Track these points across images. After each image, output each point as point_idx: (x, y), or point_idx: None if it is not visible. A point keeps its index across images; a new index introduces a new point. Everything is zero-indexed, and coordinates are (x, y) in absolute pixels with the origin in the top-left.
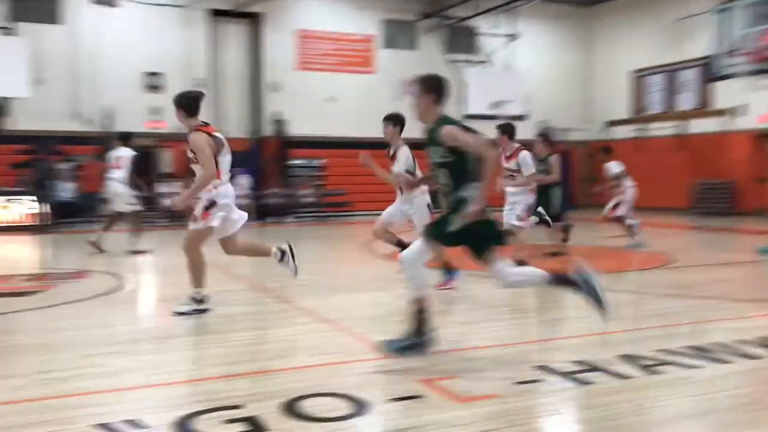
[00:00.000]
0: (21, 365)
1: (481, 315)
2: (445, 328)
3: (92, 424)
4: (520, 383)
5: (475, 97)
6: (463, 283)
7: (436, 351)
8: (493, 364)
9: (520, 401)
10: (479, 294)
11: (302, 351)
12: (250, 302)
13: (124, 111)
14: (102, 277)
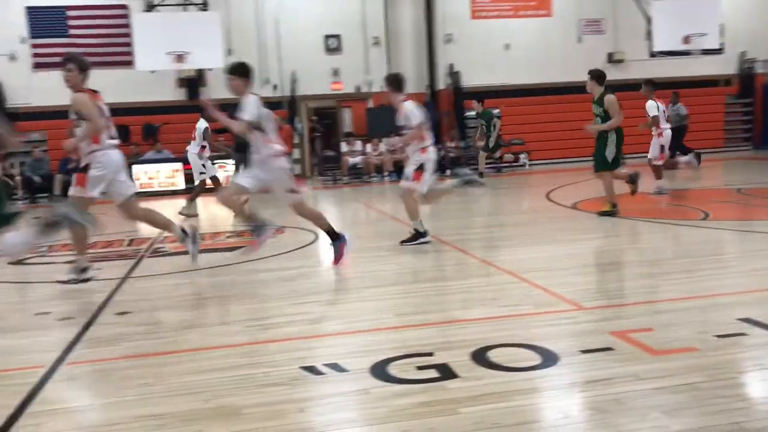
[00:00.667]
0: (231, 313)
1: (673, 266)
2: (636, 279)
3: (299, 366)
4: (720, 336)
5: (662, 33)
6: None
7: (627, 303)
8: (688, 317)
9: (720, 355)
10: (667, 244)
11: (489, 302)
12: (431, 254)
13: (307, 75)
14: (297, 233)
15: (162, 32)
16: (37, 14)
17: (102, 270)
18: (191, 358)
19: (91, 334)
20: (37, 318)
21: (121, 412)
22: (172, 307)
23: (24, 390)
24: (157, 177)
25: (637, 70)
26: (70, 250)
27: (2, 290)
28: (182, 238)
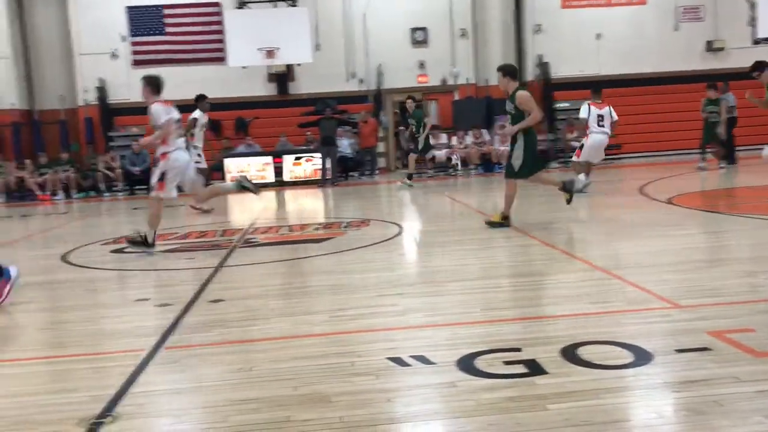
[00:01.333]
0: (319, 303)
1: None
2: (734, 277)
3: (386, 357)
4: None
5: None
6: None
7: (725, 302)
8: None
9: None
10: None
11: (578, 298)
12: (518, 248)
13: (393, 68)
14: (381, 225)
15: (253, 28)
16: (137, 13)
17: (196, 259)
18: (281, 346)
19: (188, 320)
20: (137, 304)
21: (217, 396)
22: (262, 296)
23: (126, 372)
24: (247, 170)
25: (739, 58)
26: (166, 240)
27: (105, 277)
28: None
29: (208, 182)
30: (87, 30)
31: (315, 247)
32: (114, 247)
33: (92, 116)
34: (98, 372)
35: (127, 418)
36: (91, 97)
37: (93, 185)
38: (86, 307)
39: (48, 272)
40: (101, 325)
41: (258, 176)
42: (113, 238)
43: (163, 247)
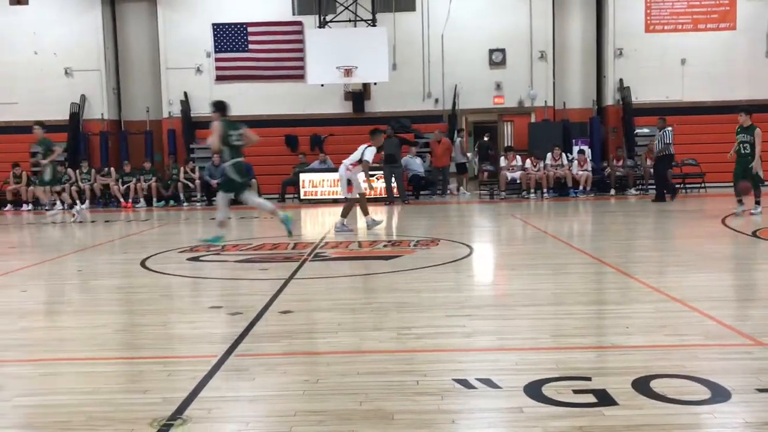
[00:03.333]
0: (386, 320)
1: None
2: None
3: (451, 378)
4: None
5: None
6: None
7: None
8: None
9: None
10: None
11: (653, 329)
12: (592, 275)
13: (469, 89)
14: (451, 245)
15: (332, 47)
16: (222, 31)
17: (268, 270)
18: (347, 360)
19: (258, 329)
20: (210, 311)
21: (283, 406)
22: (330, 309)
23: (197, 376)
24: (320, 186)
25: None
26: (240, 250)
27: (181, 284)
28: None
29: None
30: (174, 46)
31: (384, 264)
32: (190, 255)
33: (175, 128)
34: (171, 375)
35: (196, 422)
36: (175, 110)
37: (173, 194)
38: (162, 312)
39: (127, 276)
40: (175, 330)
41: (330, 192)
42: (190, 246)
43: (237, 257)
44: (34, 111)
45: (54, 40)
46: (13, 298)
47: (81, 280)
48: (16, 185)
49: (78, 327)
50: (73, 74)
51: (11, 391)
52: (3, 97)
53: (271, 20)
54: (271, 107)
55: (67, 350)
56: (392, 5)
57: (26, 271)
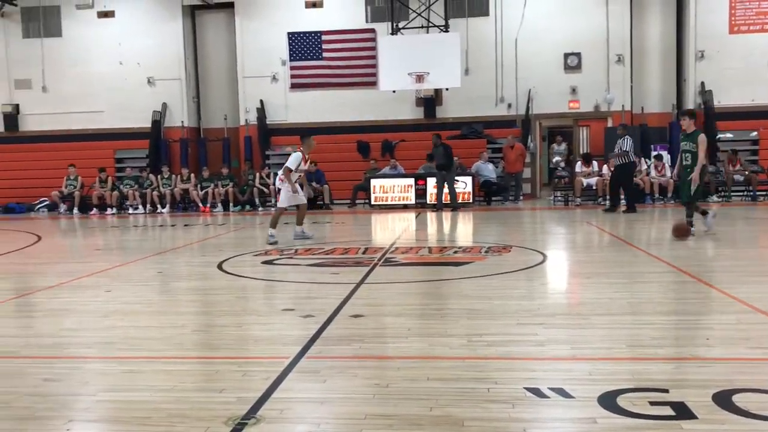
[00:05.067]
0: (456, 326)
1: None
2: None
3: (523, 386)
4: None
5: None
6: None
7: None
8: None
9: None
10: None
11: (736, 341)
12: (670, 284)
13: (543, 93)
14: (524, 252)
15: (404, 54)
16: (297, 39)
17: (339, 274)
18: (417, 365)
19: (329, 332)
20: (283, 313)
21: (354, 408)
22: (401, 314)
23: (270, 377)
24: (391, 191)
25: None
26: (312, 254)
27: (255, 287)
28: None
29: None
30: (251, 55)
31: (454, 270)
32: (265, 259)
33: (251, 135)
34: (245, 375)
35: (269, 422)
36: (252, 118)
37: (249, 200)
38: (237, 313)
39: (205, 278)
40: (249, 331)
41: (400, 197)
42: (264, 249)
43: (310, 261)
44: (118, 119)
45: (138, 51)
46: (98, 297)
47: (161, 281)
48: (101, 190)
49: (158, 327)
50: (155, 83)
51: (95, 386)
52: (90, 106)
53: (345, 28)
54: (344, 114)
55: (148, 349)
56: (465, 10)
57: (110, 272)
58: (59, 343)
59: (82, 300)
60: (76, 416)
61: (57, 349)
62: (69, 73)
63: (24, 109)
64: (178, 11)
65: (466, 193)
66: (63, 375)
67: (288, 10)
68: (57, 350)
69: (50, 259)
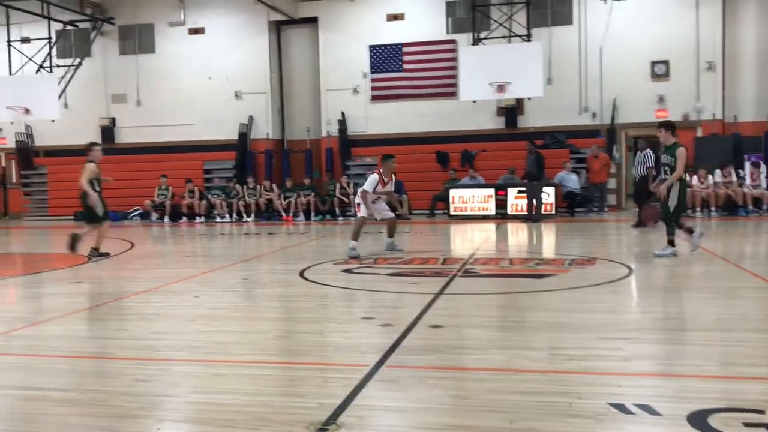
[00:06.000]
0: (537, 339)
1: None
2: None
3: (607, 402)
4: None
5: None
6: None
7: None
8: None
9: None
10: None
11: None
12: (766, 301)
13: (629, 102)
14: (608, 265)
15: (485, 64)
16: (378, 52)
17: (419, 284)
18: (497, 377)
19: (408, 342)
20: (363, 322)
21: (433, 419)
22: (480, 326)
23: (350, 384)
24: (470, 202)
25: None
26: (391, 264)
27: (335, 294)
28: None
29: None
30: (333, 68)
31: (536, 283)
32: (345, 267)
33: (332, 146)
34: (326, 381)
35: (349, 429)
36: (333, 129)
37: (330, 209)
38: (318, 320)
39: (287, 286)
40: (330, 338)
41: (480, 208)
42: (345, 258)
43: (389, 271)
44: (207, 131)
45: (226, 66)
46: (187, 302)
47: (246, 287)
48: (190, 199)
49: (243, 332)
50: (242, 97)
51: (184, 388)
52: (181, 119)
53: (426, 40)
54: (423, 124)
55: (233, 353)
56: (548, 19)
57: (198, 279)
58: (150, 346)
59: (172, 304)
60: (166, 416)
61: (148, 351)
62: (161, 87)
63: (120, 122)
64: (265, 27)
65: (549, 204)
66: (154, 376)
67: (370, 23)
68: (148, 352)
69: (143, 265)
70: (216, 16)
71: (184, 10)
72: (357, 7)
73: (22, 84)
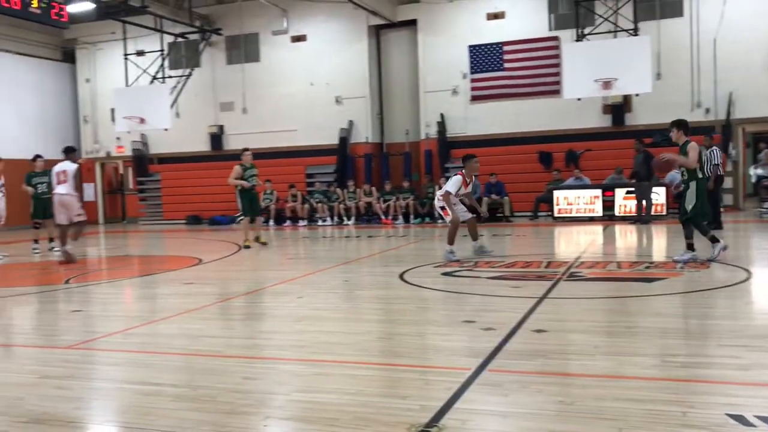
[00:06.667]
0: (647, 345)
1: None
2: None
3: (724, 412)
4: None
5: None
6: None
7: None
8: None
9: None
10: None
11: None
12: None
13: (746, 96)
14: (725, 268)
15: (590, 60)
16: (478, 52)
17: (521, 288)
18: (603, 384)
19: (510, 346)
20: (464, 325)
21: (537, 424)
22: (586, 331)
23: (452, 387)
24: (575, 203)
25: None
26: (492, 267)
27: (436, 298)
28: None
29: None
30: (432, 69)
31: (645, 287)
32: (445, 270)
33: (431, 148)
34: (427, 384)
35: (451, 431)
36: (432, 131)
37: (429, 212)
38: (418, 323)
39: (387, 288)
40: (430, 341)
41: (586, 209)
42: (444, 261)
43: (490, 274)
44: (308, 137)
45: (326, 71)
46: (291, 303)
47: (347, 289)
48: (293, 203)
49: (344, 332)
50: (342, 102)
51: (289, 386)
52: (284, 125)
53: (527, 38)
54: (525, 124)
55: (335, 353)
56: (656, 12)
57: (301, 280)
58: (257, 345)
59: (277, 305)
60: (273, 413)
61: (255, 350)
62: (266, 94)
63: (227, 130)
64: (364, 32)
65: (659, 205)
66: (260, 374)
67: (469, 23)
68: (255, 351)
69: (249, 266)
70: (317, 23)
71: (288, 18)
72: (456, 8)
73: (138, 95)
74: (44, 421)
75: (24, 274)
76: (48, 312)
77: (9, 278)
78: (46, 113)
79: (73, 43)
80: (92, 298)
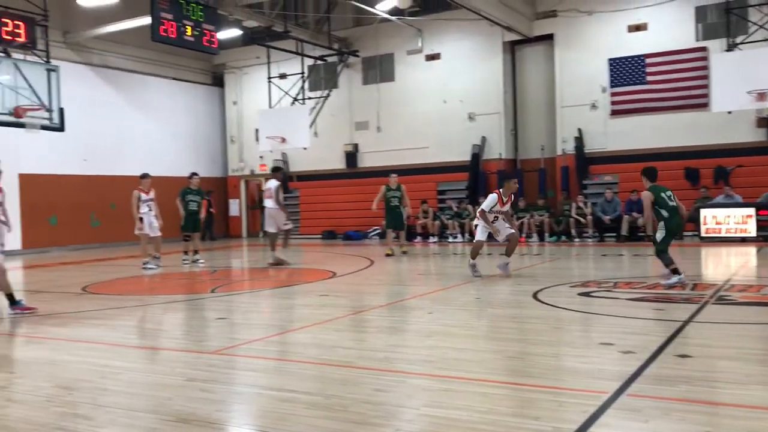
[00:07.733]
0: None
1: None
2: None
3: None
4: None
5: None
6: None
7: None
8: None
9: None
10: None
11: None
12: None
13: None
14: None
15: (742, 70)
16: (619, 65)
17: (664, 311)
18: (758, 416)
19: (651, 370)
20: (600, 347)
21: None
22: (736, 358)
23: (587, 411)
24: (725, 222)
25: None
26: (633, 288)
27: (571, 318)
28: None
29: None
30: (569, 84)
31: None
32: (582, 290)
33: (568, 165)
34: (560, 405)
35: None
36: (569, 147)
37: (565, 230)
38: (551, 344)
39: (520, 307)
40: (564, 362)
41: (737, 229)
42: (581, 281)
43: (630, 296)
44: (440, 153)
45: (460, 89)
46: (422, 318)
47: (478, 307)
48: (424, 219)
49: (475, 350)
50: (475, 118)
51: (418, 400)
52: (417, 143)
53: (671, 49)
54: (669, 139)
55: (465, 370)
56: None
57: (432, 296)
58: (387, 358)
59: (407, 319)
60: (402, 426)
61: (385, 362)
62: (399, 113)
63: (362, 148)
64: (499, 48)
65: None
66: (390, 387)
67: (609, 36)
68: (385, 364)
69: (380, 281)
70: (452, 41)
71: (422, 38)
72: (595, 21)
73: (280, 116)
74: (189, 421)
75: (174, 284)
76: (195, 319)
77: (161, 287)
78: (198, 134)
79: (222, 68)
80: (235, 307)
